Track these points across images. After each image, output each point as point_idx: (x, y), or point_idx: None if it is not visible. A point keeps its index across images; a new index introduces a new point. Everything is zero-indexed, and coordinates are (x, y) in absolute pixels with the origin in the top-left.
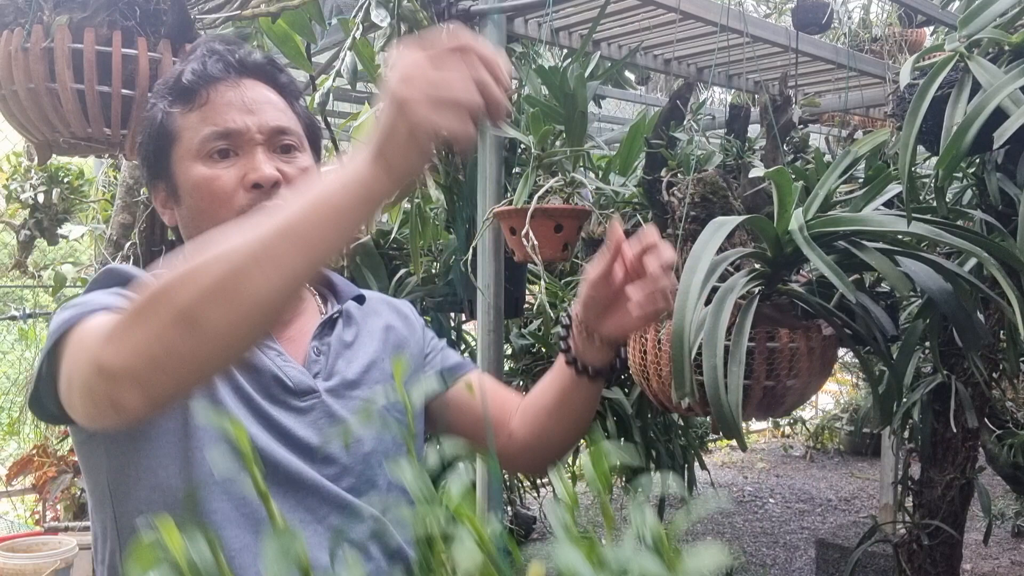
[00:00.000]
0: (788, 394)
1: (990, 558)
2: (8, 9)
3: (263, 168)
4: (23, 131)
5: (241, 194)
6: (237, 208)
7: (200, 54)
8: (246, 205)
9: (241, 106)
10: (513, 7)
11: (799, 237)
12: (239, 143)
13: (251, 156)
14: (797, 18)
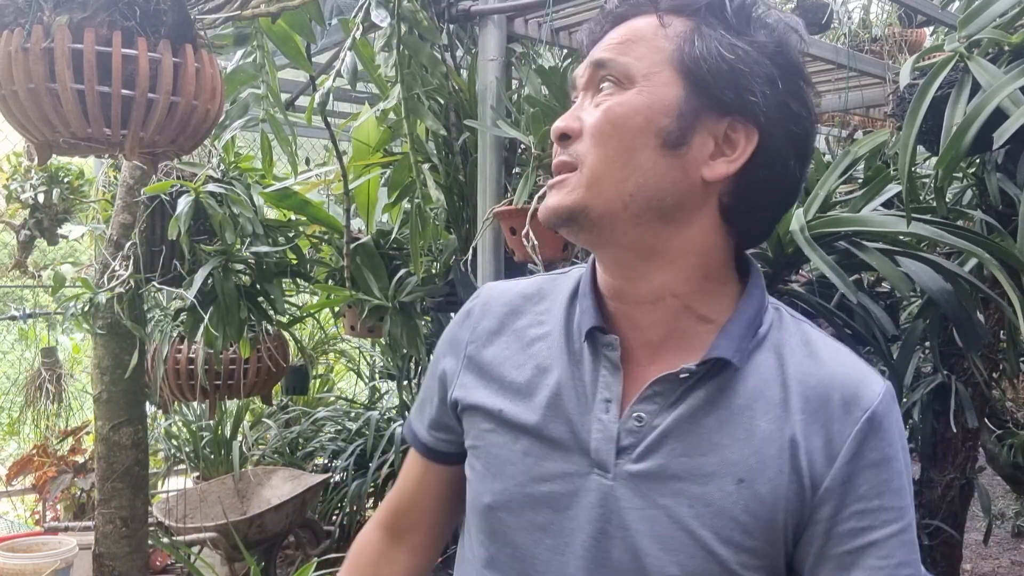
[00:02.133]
0: None
1: (990, 558)
2: (8, 9)
3: (556, 121)
4: (23, 131)
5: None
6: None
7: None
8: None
9: (602, 43)
10: (513, 7)
11: (800, 238)
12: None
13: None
14: None
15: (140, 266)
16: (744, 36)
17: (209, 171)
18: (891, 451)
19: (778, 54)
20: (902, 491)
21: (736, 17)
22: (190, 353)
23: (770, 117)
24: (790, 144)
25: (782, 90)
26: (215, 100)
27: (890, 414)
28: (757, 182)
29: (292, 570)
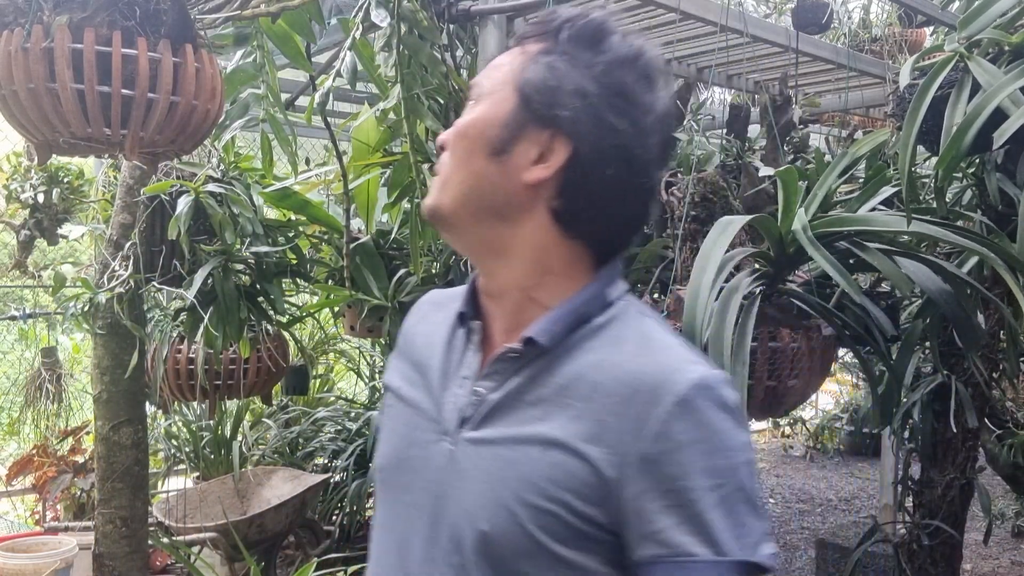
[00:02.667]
0: (789, 394)
1: (990, 558)
2: (8, 9)
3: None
4: (23, 131)
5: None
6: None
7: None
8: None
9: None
10: (513, 7)
11: (803, 237)
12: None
13: None
14: (797, 18)
15: (140, 266)
16: (572, 58)
17: (209, 171)
18: (702, 433)
19: (604, 75)
20: (714, 471)
21: (570, 43)
22: (190, 353)
23: (581, 131)
24: (606, 155)
25: (597, 106)
26: (215, 100)
27: (705, 399)
28: (577, 188)
29: (292, 570)
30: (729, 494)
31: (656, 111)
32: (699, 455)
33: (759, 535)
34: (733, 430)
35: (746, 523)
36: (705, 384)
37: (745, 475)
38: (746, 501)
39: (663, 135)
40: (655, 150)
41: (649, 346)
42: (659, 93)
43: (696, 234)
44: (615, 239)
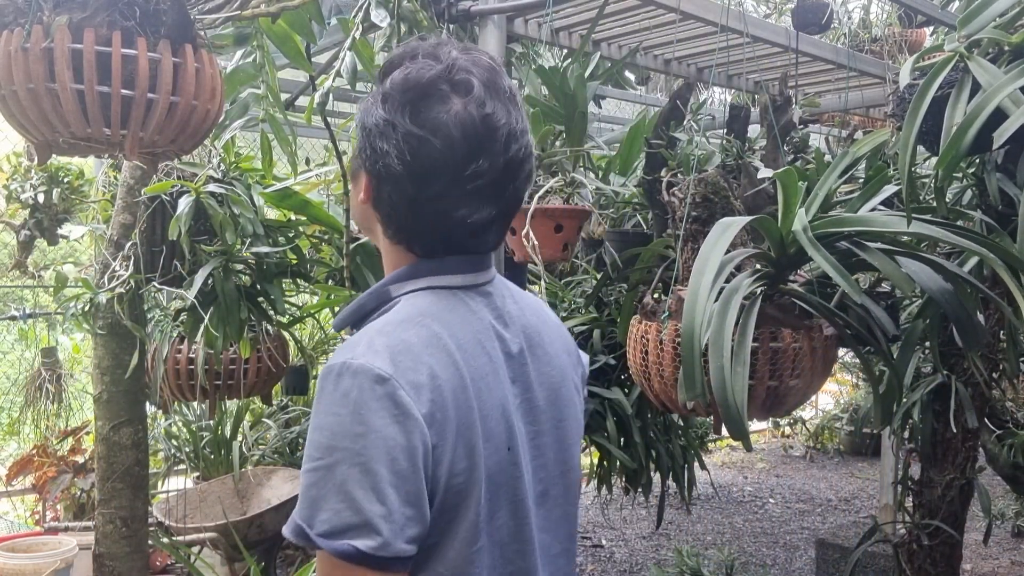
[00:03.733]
0: (791, 394)
1: (990, 558)
2: (8, 9)
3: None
4: (23, 131)
5: None
6: None
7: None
8: None
9: None
10: (513, 7)
11: (803, 238)
12: None
13: None
14: (797, 18)
15: (140, 266)
16: (372, 95)
17: (209, 171)
18: (318, 410)
19: (379, 104)
20: (316, 446)
21: (378, 78)
22: (190, 353)
23: (367, 156)
24: (380, 180)
25: (372, 134)
26: (215, 100)
27: (332, 382)
28: (382, 206)
29: (292, 570)
30: (319, 467)
31: (428, 128)
32: (313, 426)
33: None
34: (342, 411)
35: (323, 500)
36: (336, 368)
37: (343, 459)
38: (334, 484)
39: (450, 147)
40: (439, 158)
41: (369, 329)
42: (427, 113)
43: (697, 234)
44: (423, 245)
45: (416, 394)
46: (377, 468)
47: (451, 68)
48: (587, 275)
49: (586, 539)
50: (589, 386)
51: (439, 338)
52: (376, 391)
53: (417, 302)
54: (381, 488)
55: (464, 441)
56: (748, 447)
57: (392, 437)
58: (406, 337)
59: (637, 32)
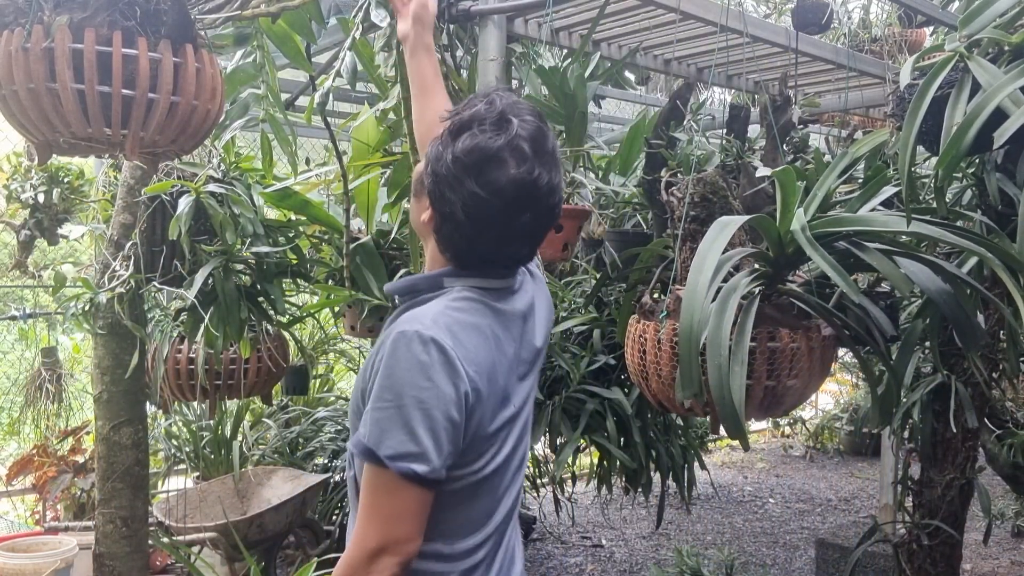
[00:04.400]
0: (788, 394)
1: (990, 558)
2: (8, 9)
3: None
4: (23, 131)
5: None
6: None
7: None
8: None
9: None
10: (513, 7)
11: (802, 237)
12: None
13: None
14: (797, 18)
15: (140, 266)
16: (444, 145)
17: (209, 171)
18: (389, 363)
19: (454, 162)
20: (386, 389)
21: (449, 134)
22: (190, 353)
23: (435, 196)
24: (445, 216)
25: (443, 183)
26: (215, 100)
27: (403, 345)
28: (442, 232)
29: (292, 570)
30: (387, 407)
31: (485, 189)
32: (384, 376)
33: (396, 440)
34: (410, 368)
35: (389, 430)
36: (407, 334)
37: (409, 403)
38: (401, 417)
39: (494, 204)
40: (480, 217)
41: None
42: (488, 175)
43: (696, 234)
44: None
45: (466, 364)
46: (435, 414)
47: (511, 139)
48: (587, 275)
49: (586, 539)
50: (589, 386)
51: (480, 327)
52: (440, 357)
53: (467, 295)
54: (436, 430)
55: (491, 404)
56: (746, 446)
57: (448, 393)
58: (461, 320)
59: (637, 32)
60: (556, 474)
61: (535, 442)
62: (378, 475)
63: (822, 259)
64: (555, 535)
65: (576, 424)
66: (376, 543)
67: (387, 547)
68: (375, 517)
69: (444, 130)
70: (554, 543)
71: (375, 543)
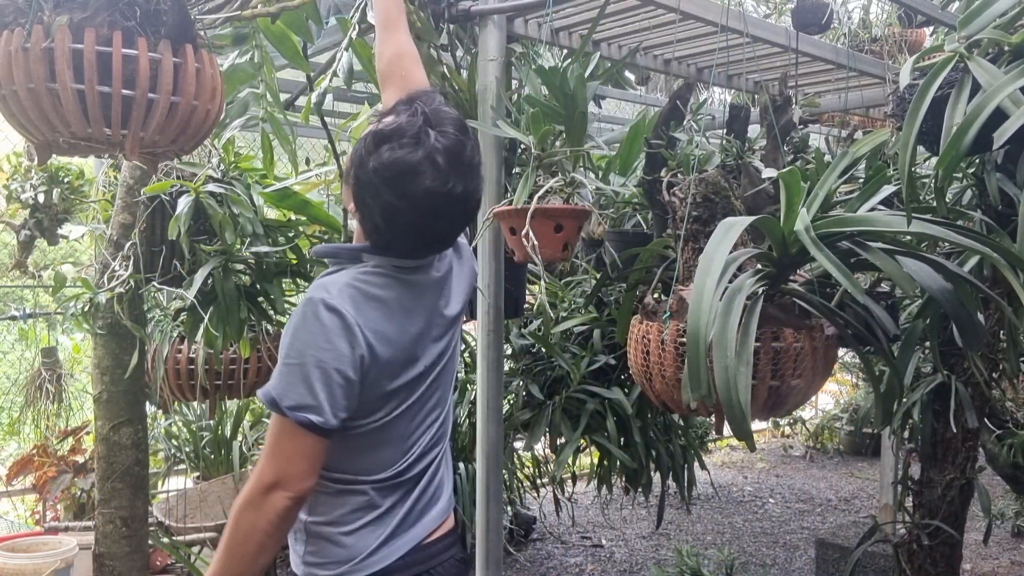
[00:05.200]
0: (793, 394)
1: (990, 558)
2: (8, 9)
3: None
4: (23, 131)
5: None
6: None
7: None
8: None
9: None
10: (513, 7)
11: (806, 238)
12: None
13: None
14: (797, 18)
15: (140, 266)
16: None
17: (209, 171)
18: (292, 326)
19: (361, 170)
20: (288, 347)
21: (374, 136)
22: (190, 353)
23: (356, 197)
24: (363, 216)
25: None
26: (215, 100)
27: (304, 309)
28: (363, 221)
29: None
30: (290, 363)
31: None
32: (286, 336)
33: (294, 393)
34: (309, 329)
35: (289, 383)
36: (309, 300)
37: (309, 362)
38: (300, 372)
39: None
40: (412, 221)
41: (330, 278)
42: (407, 189)
43: (698, 234)
44: (382, 243)
45: (365, 330)
46: (332, 373)
47: (428, 153)
48: (587, 275)
49: (586, 539)
50: (589, 386)
51: (385, 299)
52: (340, 323)
53: (380, 270)
54: (332, 386)
55: (393, 366)
56: (752, 447)
57: (346, 355)
58: (366, 292)
59: (637, 32)
60: (556, 474)
61: (535, 442)
62: (281, 422)
63: (826, 259)
64: (555, 535)
65: (576, 424)
66: (271, 478)
67: (281, 482)
68: (273, 457)
69: (369, 135)
70: (554, 543)
71: (270, 478)
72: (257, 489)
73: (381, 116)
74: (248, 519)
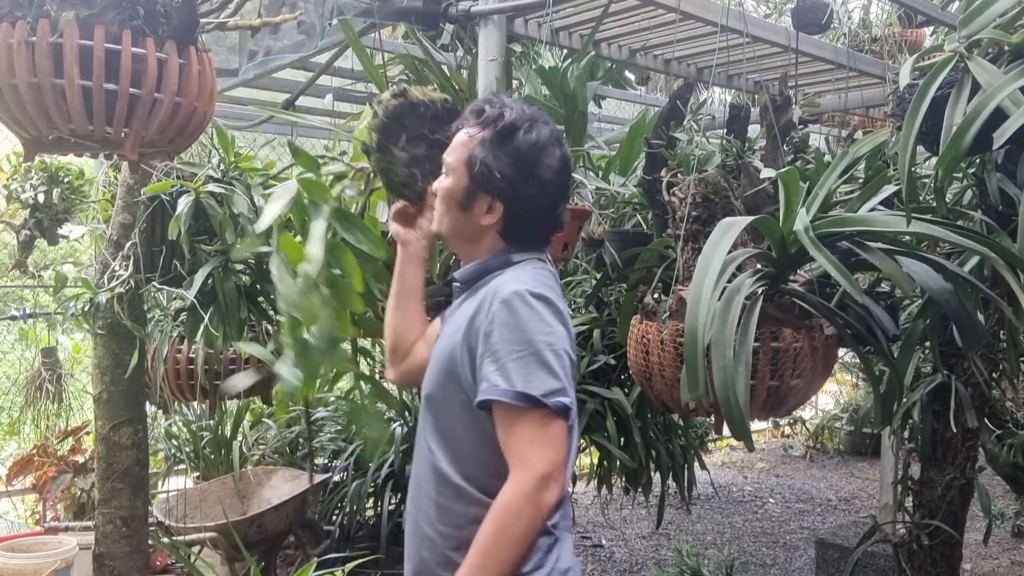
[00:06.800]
0: (792, 394)
1: (990, 558)
2: (3, 1)
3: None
4: (15, 126)
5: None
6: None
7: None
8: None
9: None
10: (513, 7)
11: (805, 238)
12: None
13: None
14: (797, 18)
15: (140, 266)
16: (497, 151)
17: (209, 171)
18: (512, 320)
19: (517, 162)
20: (517, 343)
21: (497, 137)
22: (190, 353)
23: (508, 198)
24: (527, 209)
25: (516, 183)
26: (212, 102)
27: (521, 302)
28: (514, 224)
29: (292, 570)
30: (525, 356)
31: (551, 173)
32: (508, 331)
33: (547, 385)
34: (535, 320)
35: (535, 375)
36: (521, 293)
37: (542, 347)
38: (541, 363)
39: (560, 181)
40: (555, 194)
41: (509, 277)
42: (548, 161)
43: (698, 234)
44: (535, 240)
45: (565, 314)
46: (562, 353)
47: (551, 129)
48: (587, 275)
49: (586, 539)
50: (589, 386)
51: (554, 284)
52: (550, 307)
53: (536, 263)
54: (565, 367)
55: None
56: (750, 447)
57: (564, 335)
58: (545, 280)
59: (637, 32)
60: None
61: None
62: (535, 414)
63: (826, 259)
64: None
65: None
66: (545, 468)
67: (553, 472)
68: (539, 447)
69: (487, 138)
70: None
71: (544, 468)
72: (533, 484)
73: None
74: (526, 518)
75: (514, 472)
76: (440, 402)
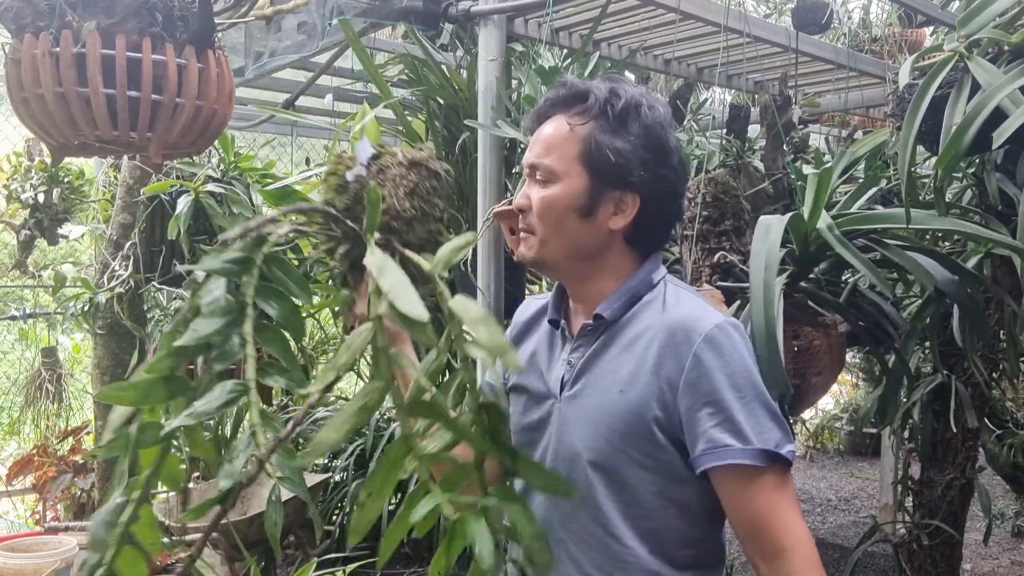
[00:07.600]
0: (812, 391)
1: (990, 558)
2: (26, 11)
3: (516, 198)
4: (43, 133)
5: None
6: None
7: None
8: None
9: (533, 142)
10: (513, 7)
11: (830, 236)
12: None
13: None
14: (797, 18)
15: (140, 266)
16: (623, 134)
17: (209, 171)
18: (724, 361)
19: (648, 142)
20: (738, 388)
21: (617, 120)
22: None
23: (646, 186)
24: (663, 197)
25: (653, 167)
26: (231, 103)
27: (726, 337)
28: (645, 222)
29: (292, 570)
30: (750, 402)
31: (679, 153)
32: (724, 375)
33: (777, 434)
34: (747, 356)
35: (764, 424)
36: (722, 326)
37: (761, 390)
38: (764, 406)
39: (684, 162)
40: (684, 176)
41: (681, 305)
42: (674, 141)
43: (708, 235)
44: (659, 243)
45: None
46: (769, 398)
47: (664, 104)
48: None
49: None
50: None
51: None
52: (744, 339)
53: (676, 280)
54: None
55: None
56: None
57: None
58: (707, 301)
59: (637, 32)
60: None
61: None
62: (770, 470)
63: (853, 256)
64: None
65: None
66: (808, 535)
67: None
68: (792, 512)
69: (603, 124)
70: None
71: (808, 536)
72: (814, 554)
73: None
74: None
75: (788, 550)
76: (612, 468)
